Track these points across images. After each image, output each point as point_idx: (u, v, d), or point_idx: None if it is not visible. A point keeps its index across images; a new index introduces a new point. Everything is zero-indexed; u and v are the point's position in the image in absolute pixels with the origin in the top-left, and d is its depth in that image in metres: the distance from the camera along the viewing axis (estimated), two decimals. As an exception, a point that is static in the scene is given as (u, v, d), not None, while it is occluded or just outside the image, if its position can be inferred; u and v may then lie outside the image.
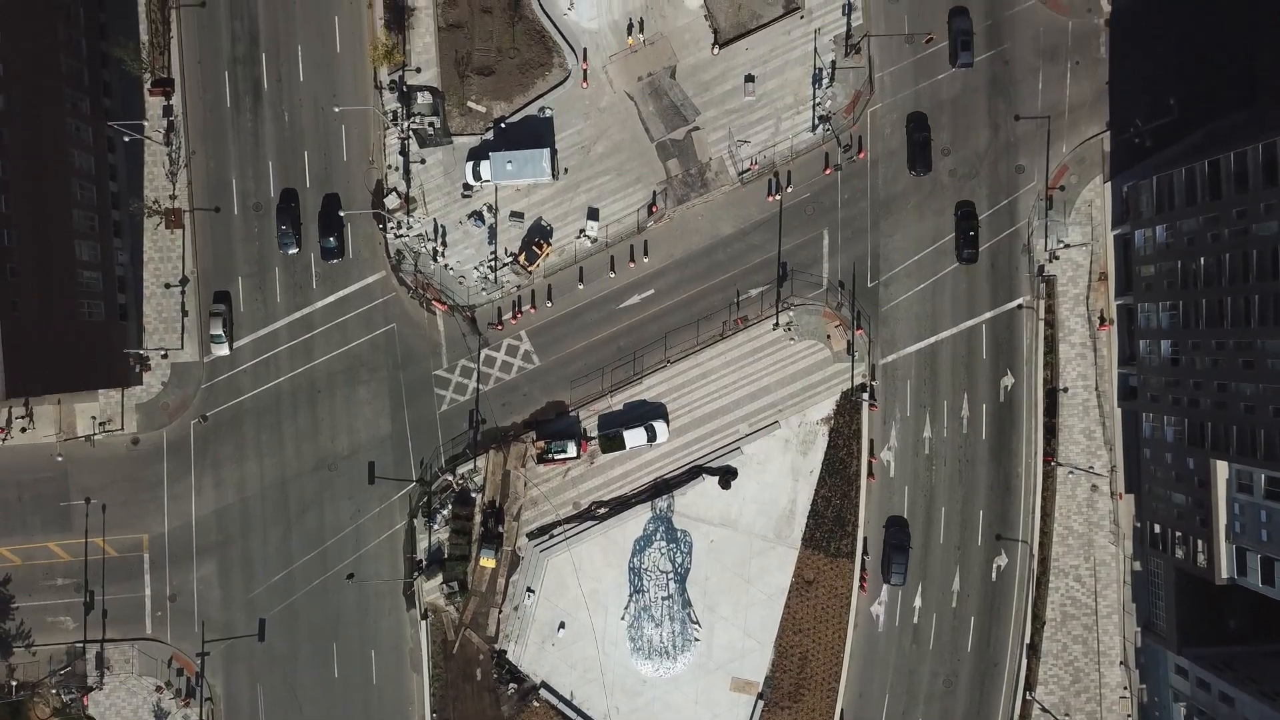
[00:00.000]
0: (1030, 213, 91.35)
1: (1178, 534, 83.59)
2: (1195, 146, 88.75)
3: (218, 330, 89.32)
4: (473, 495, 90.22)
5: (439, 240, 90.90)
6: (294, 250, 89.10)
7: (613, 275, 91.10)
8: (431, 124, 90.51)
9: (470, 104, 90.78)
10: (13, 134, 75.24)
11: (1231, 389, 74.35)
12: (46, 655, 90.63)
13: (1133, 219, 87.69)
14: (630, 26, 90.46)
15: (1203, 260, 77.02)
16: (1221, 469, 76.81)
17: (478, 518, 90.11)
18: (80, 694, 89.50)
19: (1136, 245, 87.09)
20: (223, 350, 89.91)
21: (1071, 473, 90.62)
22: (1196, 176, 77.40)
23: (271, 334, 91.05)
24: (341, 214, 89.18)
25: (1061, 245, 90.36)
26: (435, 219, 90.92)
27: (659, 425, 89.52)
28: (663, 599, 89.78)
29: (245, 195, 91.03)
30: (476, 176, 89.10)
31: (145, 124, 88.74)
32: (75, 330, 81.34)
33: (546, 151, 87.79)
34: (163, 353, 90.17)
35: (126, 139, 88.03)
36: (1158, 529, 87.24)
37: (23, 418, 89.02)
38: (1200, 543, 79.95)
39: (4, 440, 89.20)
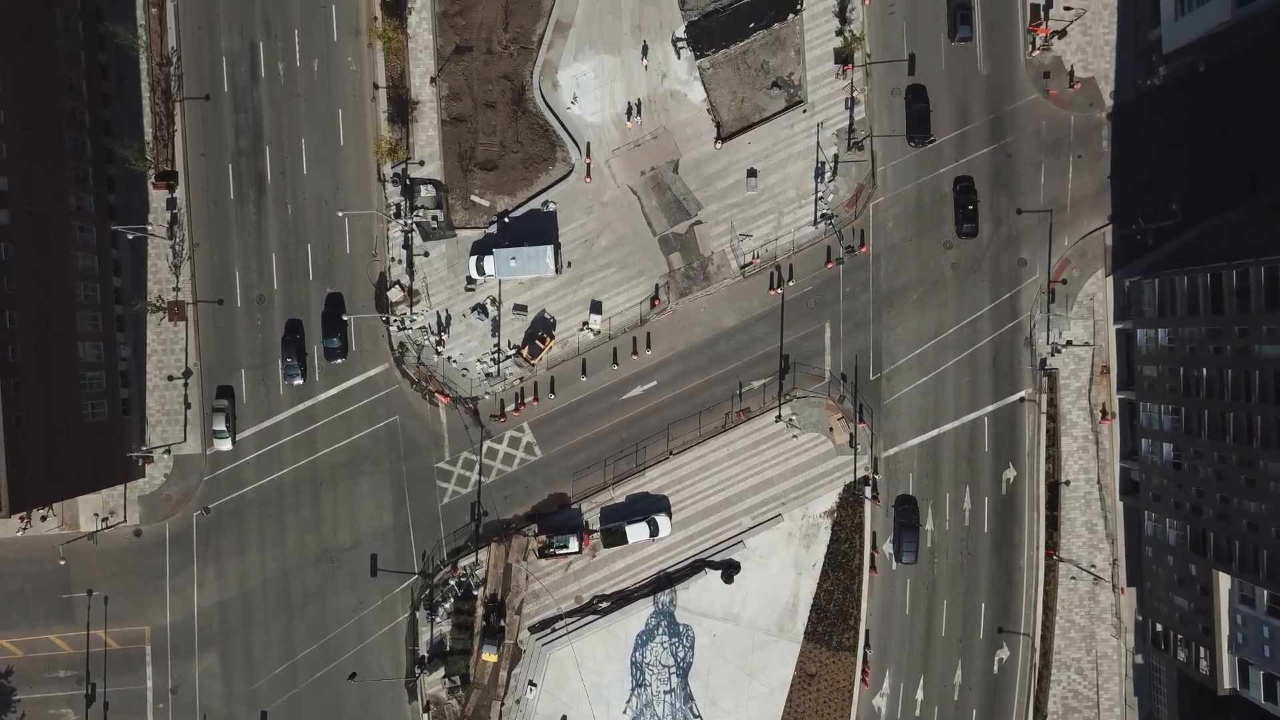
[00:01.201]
0: (1032, 306, 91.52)
1: (1180, 636, 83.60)
2: (1196, 242, 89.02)
3: (220, 426, 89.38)
4: (475, 588, 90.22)
5: (442, 333, 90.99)
6: (299, 381, 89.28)
7: (615, 367, 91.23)
8: (435, 217, 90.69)
9: (474, 198, 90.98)
10: (18, 248, 75.40)
11: (1234, 503, 74.44)
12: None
13: (1134, 316, 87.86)
14: (630, 110, 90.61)
15: (1205, 371, 77.16)
16: (1224, 580, 76.90)
17: (480, 611, 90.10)
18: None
19: (1139, 344, 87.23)
20: (225, 445, 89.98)
21: (1074, 578, 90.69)
22: (1198, 286, 77.57)
23: (274, 426, 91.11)
24: (345, 318, 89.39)
25: (1065, 343, 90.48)
26: (438, 312, 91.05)
27: (661, 519, 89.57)
28: (665, 693, 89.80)
29: (248, 288, 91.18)
30: (480, 271, 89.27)
31: (149, 227, 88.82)
32: (79, 434, 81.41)
33: (550, 248, 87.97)
34: (165, 448, 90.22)
35: (131, 237, 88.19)
36: (1160, 628, 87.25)
37: (40, 508, 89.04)
38: (1202, 649, 79.98)
39: (24, 531, 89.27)
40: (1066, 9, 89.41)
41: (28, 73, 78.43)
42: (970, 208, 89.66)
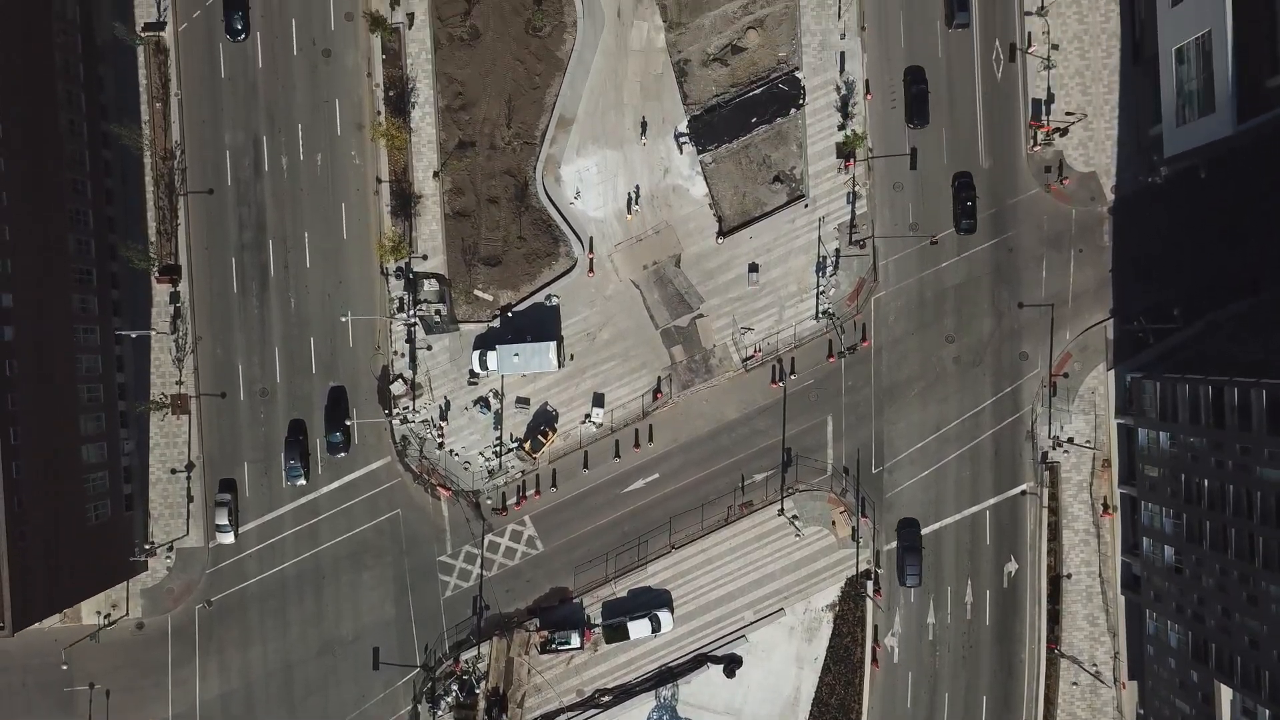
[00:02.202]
0: (1034, 400, 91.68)
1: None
2: (1198, 338, 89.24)
3: (223, 520, 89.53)
4: (477, 682, 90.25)
5: (444, 426, 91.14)
6: (302, 482, 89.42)
7: (617, 460, 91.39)
8: (438, 311, 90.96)
9: (477, 292, 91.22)
10: (23, 364, 75.60)
11: (1236, 618, 74.51)
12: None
13: (1136, 414, 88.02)
14: (630, 200, 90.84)
15: (1206, 481, 77.28)
16: (1226, 692, 76.91)
17: (482, 705, 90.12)
18: None
19: (1140, 443, 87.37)
20: (228, 539, 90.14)
21: (1074, 682, 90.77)
22: (1200, 397, 77.71)
23: (277, 519, 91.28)
24: (349, 423, 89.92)
25: (1067, 440, 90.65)
26: (441, 405, 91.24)
27: (663, 615, 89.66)
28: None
29: (251, 381, 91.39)
30: (483, 367, 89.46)
31: (152, 332, 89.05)
32: (83, 541, 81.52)
33: (553, 344, 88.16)
34: (169, 546, 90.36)
35: (134, 336, 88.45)
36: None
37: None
38: (1204, 756, 80.00)
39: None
40: (1068, 114, 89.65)
41: (34, 188, 79.00)
42: (969, 204, 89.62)
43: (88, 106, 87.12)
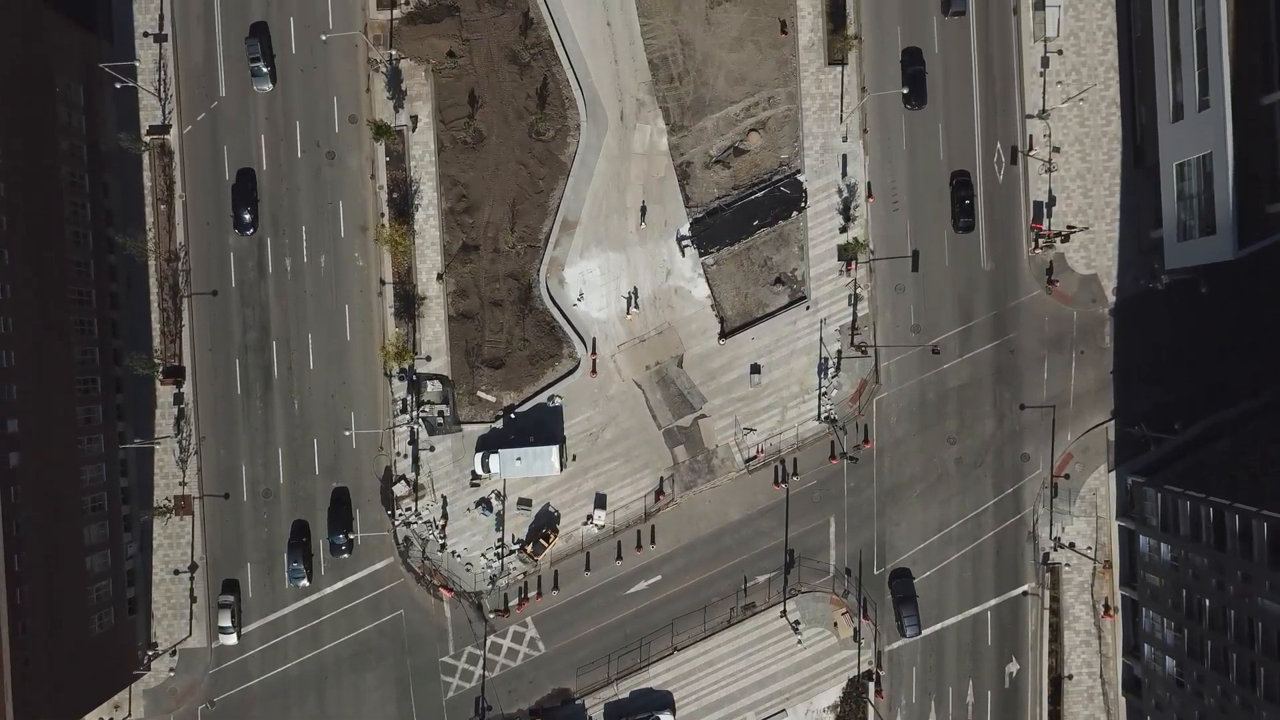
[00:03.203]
0: (1035, 500, 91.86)
1: None
2: (1198, 441, 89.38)
3: (226, 622, 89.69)
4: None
5: (446, 527, 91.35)
6: (305, 583, 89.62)
7: (619, 563, 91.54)
8: (441, 412, 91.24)
9: (480, 394, 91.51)
10: (27, 491, 75.80)
11: (1237, 742, 74.65)
12: None
13: (1137, 520, 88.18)
14: (629, 300, 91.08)
15: (1208, 602, 77.40)
16: (1227, 811, 76.96)
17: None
18: None
19: (1141, 550, 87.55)
20: (231, 640, 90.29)
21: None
22: (1201, 516, 77.86)
23: (279, 620, 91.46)
24: (353, 534, 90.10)
25: (1068, 544, 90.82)
26: (443, 506, 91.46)
27: (665, 717, 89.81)
28: None
29: (255, 482, 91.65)
30: (485, 469, 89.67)
31: (156, 444, 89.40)
32: (86, 652, 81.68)
33: (554, 449, 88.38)
34: (171, 651, 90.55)
35: (138, 443, 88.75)
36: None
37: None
38: None
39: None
40: (1069, 228, 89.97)
41: (40, 311, 79.67)
42: (967, 202, 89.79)
43: (93, 214, 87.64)
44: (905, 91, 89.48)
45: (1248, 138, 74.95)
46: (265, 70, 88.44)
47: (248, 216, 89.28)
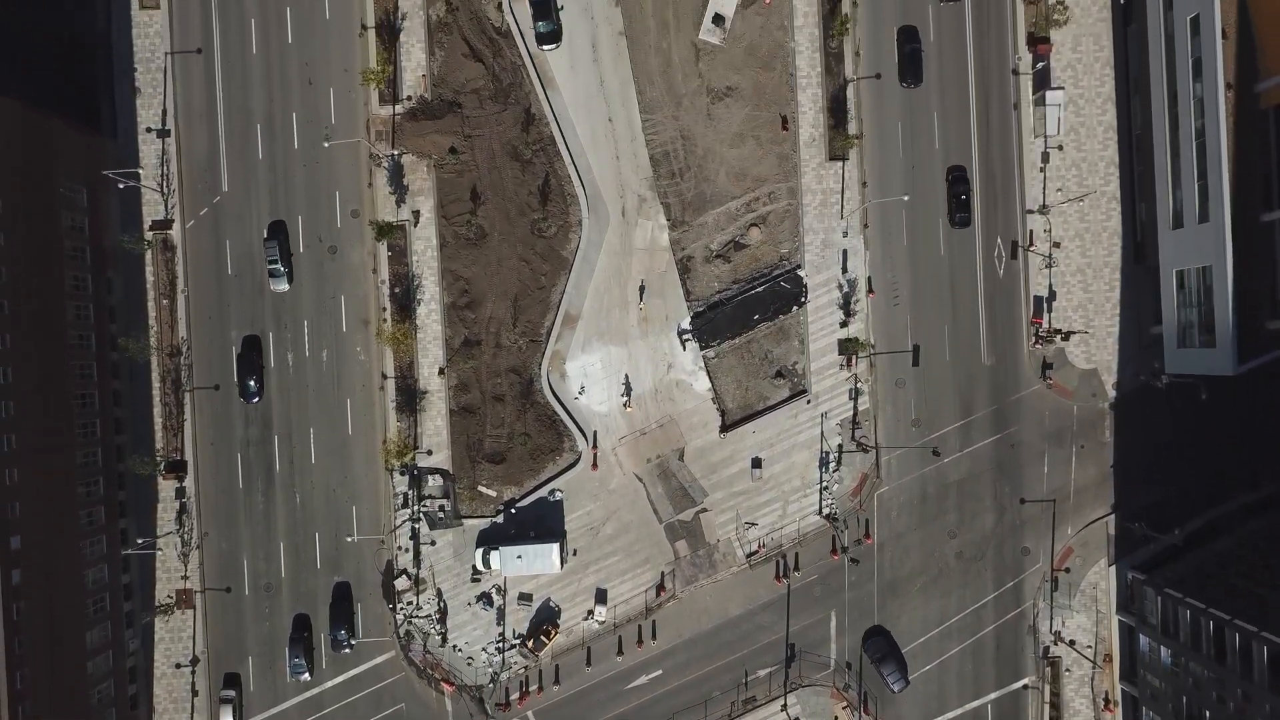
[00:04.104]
0: (1035, 594, 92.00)
1: None
2: (1198, 536, 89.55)
3: (228, 717, 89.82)
4: None
5: (447, 621, 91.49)
6: (306, 677, 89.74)
7: (620, 658, 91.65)
8: (442, 507, 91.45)
9: (481, 488, 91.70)
10: (29, 607, 75.98)
11: None
12: None
13: (1137, 618, 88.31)
14: (625, 391, 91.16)
15: (1209, 714, 77.47)
16: None
17: None
18: None
19: (1142, 649, 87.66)
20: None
21: None
22: (1201, 628, 77.96)
23: (281, 714, 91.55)
24: (352, 641, 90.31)
25: (1069, 641, 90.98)
26: (444, 600, 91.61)
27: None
28: None
29: (257, 576, 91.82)
30: (486, 565, 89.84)
31: (158, 550, 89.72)
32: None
33: (555, 546, 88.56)
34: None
35: (140, 542, 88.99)
36: None
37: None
38: None
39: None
40: (1070, 332, 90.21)
41: (44, 424, 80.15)
42: (963, 197, 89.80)
43: (95, 314, 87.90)
44: (906, 197, 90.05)
45: (1248, 253, 75.21)
46: (283, 271, 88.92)
47: (253, 384, 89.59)
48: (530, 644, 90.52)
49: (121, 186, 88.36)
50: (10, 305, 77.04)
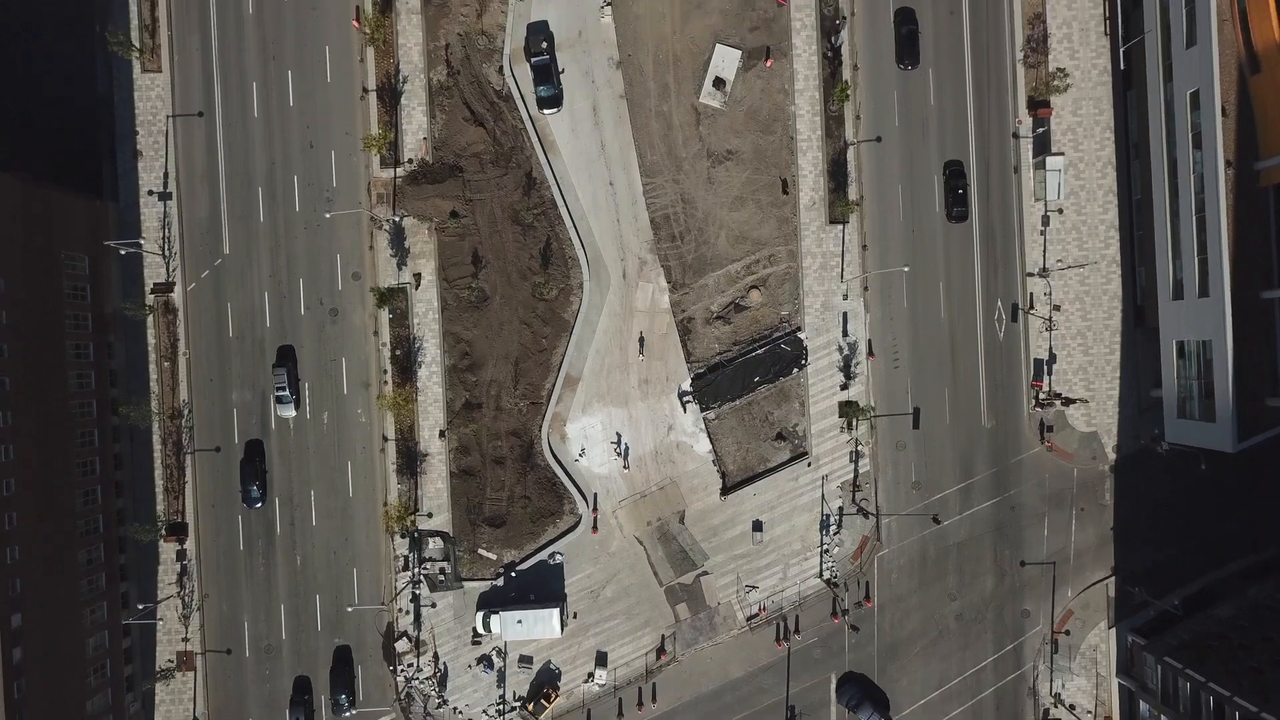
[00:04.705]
0: (1035, 656, 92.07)
1: None
2: (1200, 600, 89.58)
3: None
4: None
5: (448, 683, 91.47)
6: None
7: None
8: (443, 569, 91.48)
9: (481, 551, 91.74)
10: (30, 683, 75.99)
11: None
12: None
13: (1137, 683, 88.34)
14: (622, 452, 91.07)
15: (1209, 789, 77.59)
16: None
17: None
18: None
19: (1143, 714, 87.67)
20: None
21: None
22: (1201, 701, 77.99)
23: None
24: (353, 710, 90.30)
25: (1069, 706, 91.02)
26: (445, 663, 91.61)
27: None
28: None
29: (257, 638, 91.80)
30: (486, 629, 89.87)
31: (159, 621, 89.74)
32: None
33: (555, 611, 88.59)
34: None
35: (141, 608, 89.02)
36: None
37: None
38: None
39: None
40: (1070, 400, 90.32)
41: (45, 501, 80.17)
42: (960, 192, 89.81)
43: (97, 380, 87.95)
44: (906, 268, 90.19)
45: (1248, 330, 75.34)
46: (290, 398, 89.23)
47: (255, 490, 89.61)
48: (531, 707, 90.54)
49: (123, 252, 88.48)
50: (12, 382, 77.12)
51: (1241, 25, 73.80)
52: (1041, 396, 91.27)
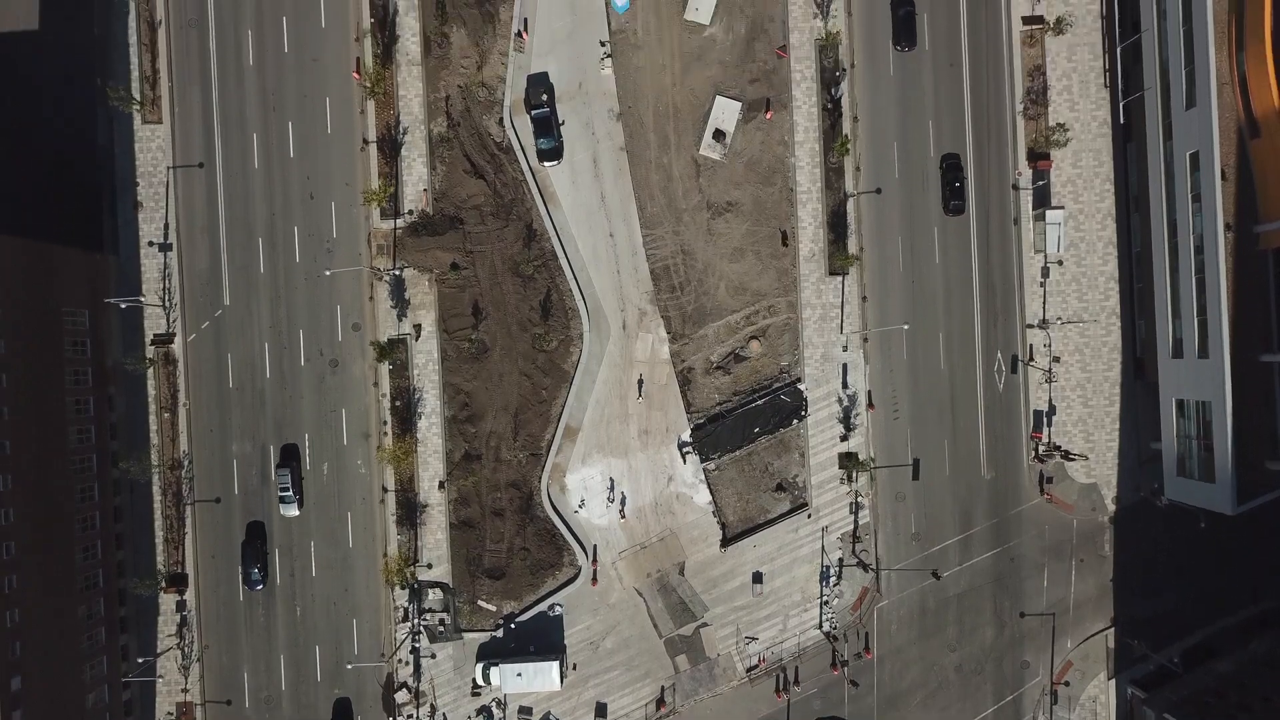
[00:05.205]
0: (1035, 708, 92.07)
1: None
2: (1194, 654, 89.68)
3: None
4: None
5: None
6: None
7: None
8: (442, 620, 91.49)
9: (481, 603, 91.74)
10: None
11: None
12: None
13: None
14: (616, 501, 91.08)
15: None
16: None
17: None
18: None
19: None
20: None
21: None
22: (1201, 764, 78.13)
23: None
24: None
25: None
26: (444, 714, 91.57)
27: None
28: None
29: (257, 689, 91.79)
30: (486, 681, 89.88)
31: (160, 679, 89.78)
32: None
33: (555, 664, 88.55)
34: None
35: (141, 662, 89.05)
36: None
37: None
38: None
39: None
40: (1070, 454, 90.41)
41: (46, 561, 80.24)
42: (957, 185, 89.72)
43: (97, 434, 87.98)
44: (906, 326, 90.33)
45: (1247, 393, 75.32)
46: (294, 499, 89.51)
47: (256, 573, 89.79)
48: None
49: (124, 306, 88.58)
50: (12, 445, 77.20)
51: (1241, 89, 73.85)
52: (1041, 449, 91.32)
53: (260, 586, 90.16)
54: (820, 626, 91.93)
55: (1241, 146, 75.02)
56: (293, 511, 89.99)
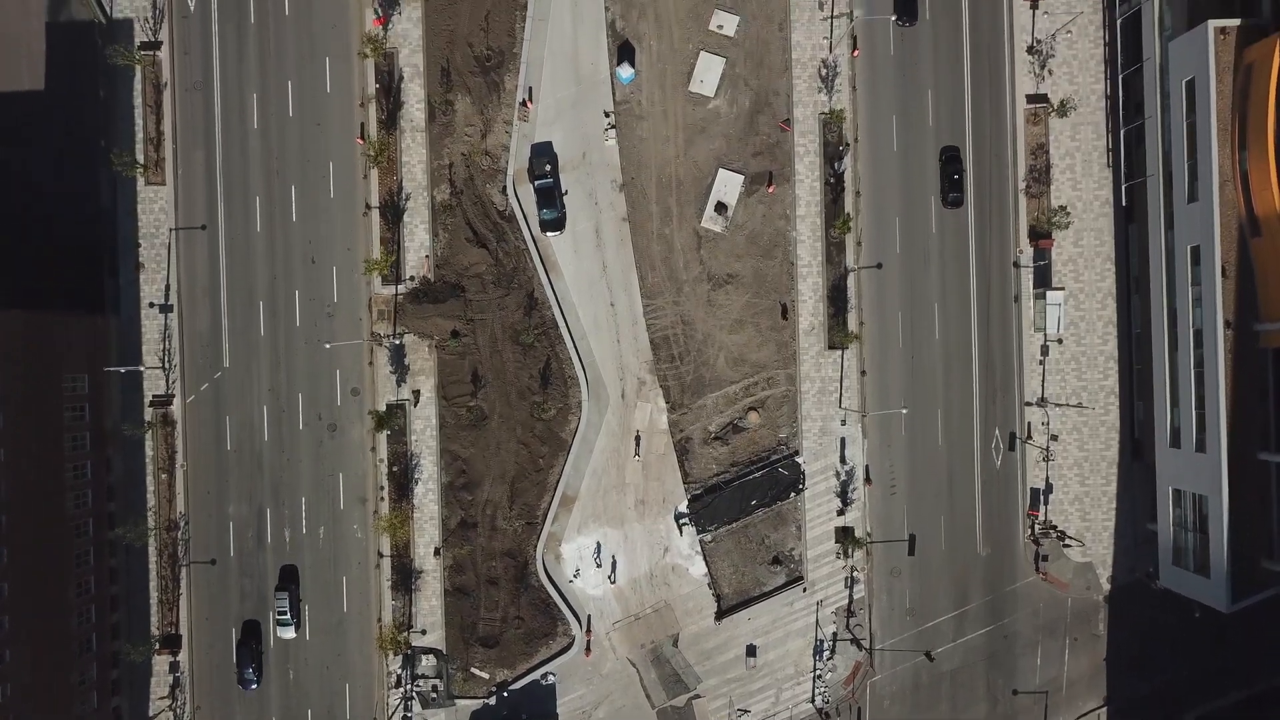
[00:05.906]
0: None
1: None
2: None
3: None
4: None
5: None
6: None
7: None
8: (435, 686, 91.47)
9: (474, 670, 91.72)
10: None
11: None
12: None
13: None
14: (609, 567, 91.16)
15: None
16: None
17: None
18: None
19: None
20: None
21: None
22: None
23: None
24: None
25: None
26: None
27: None
28: None
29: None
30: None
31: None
32: None
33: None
34: None
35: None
36: None
37: None
38: None
39: None
40: (1067, 536, 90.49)
41: (40, 630, 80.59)
42: (956, 177, 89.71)
43: (94, 493, 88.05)
44: (905, 410, 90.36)
45: (1244, 489, 75.32)
46: (291, 621, 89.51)
47: (250, 672, 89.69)
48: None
49: (124, 371, 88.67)
50: (9, 520, 77.26)
51: (1243, 187, 73.96)
52: (1038, 528, 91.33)
53: (254, 686, 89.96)
54: (813, 700, 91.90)
55: (1243, 243, 75.10)
56: (289, 634, 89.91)
